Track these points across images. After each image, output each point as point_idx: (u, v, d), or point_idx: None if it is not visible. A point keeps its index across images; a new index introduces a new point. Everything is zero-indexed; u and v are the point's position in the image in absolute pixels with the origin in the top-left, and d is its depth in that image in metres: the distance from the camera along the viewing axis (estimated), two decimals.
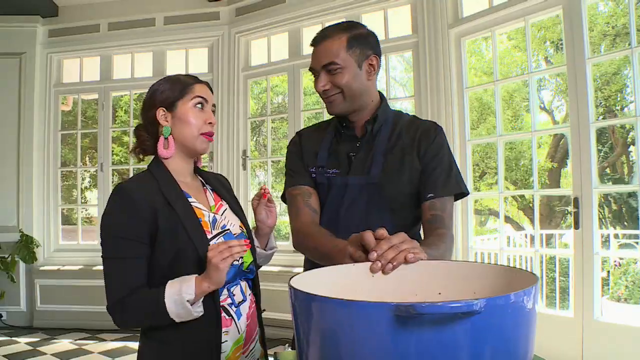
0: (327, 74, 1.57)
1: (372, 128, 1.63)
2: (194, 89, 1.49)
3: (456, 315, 0.65)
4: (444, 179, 1.57)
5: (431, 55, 4.13)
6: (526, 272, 0.91)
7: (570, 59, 3.36)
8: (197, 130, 1.48)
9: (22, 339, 4.91)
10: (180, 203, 1.42)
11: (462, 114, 4.06)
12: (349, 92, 1.57)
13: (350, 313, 0.69)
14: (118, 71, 5.71)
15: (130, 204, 1.37)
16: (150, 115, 1.50)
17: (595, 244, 3.23)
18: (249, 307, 1.50)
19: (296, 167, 1.70)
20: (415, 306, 0.63)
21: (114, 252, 1.37)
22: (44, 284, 5.36)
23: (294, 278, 0.88)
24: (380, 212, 1.56)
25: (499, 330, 0.70)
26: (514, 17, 3.74)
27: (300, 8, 4.86)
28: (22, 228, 5.38)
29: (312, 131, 1.79)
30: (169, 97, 1.48)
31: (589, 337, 3.20)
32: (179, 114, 1.47)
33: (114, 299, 1.35)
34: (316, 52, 1.60)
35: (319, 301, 0.74)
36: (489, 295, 0.93)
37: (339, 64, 1.55)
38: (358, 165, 1.60)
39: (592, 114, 3.28)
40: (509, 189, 10.62)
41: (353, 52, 1.56)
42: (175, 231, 1.37)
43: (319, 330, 0.75)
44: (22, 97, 5.51)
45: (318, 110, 5.94)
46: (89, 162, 11.48)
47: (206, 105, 1.51)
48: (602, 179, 10.39)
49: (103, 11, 5.58)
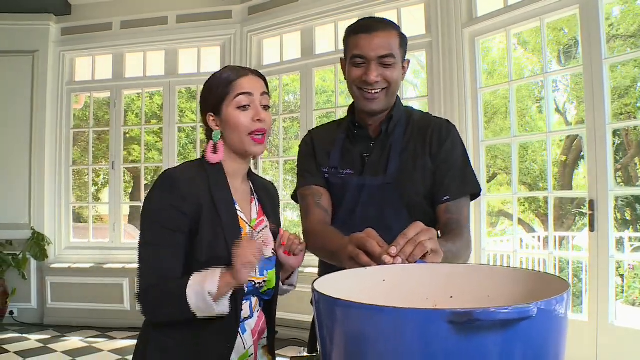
0: (379, 66, 1.50)
1: (387, 128, 1.59)
2: (235, 85, 1.39)
3: (511, 321, 0.64)
4: (459, 180, 1.54)
5: (445, 55, 4.10)
6: (542, 274, 0.90)
7: (587, 59, 3.31)
8: (245, 131, 1.39)
9: (32, 335, 4.94)
10: (226, 210, 1.37)
11: (476, 115, 4.02)
12: (393, 89, 1.54)
13: (399, 321, 0.67)
14: (130, 69, 5.73)
15: (175, 192, 1.32)
16: (204, 120, 1.46)
17: (610, 247, 3.19)
18: (256, 324, 1.44)
19: (308, 167, 1.66)
20: (474, 312, 0.62)
21: (150, 238, 1.32)
22: (55, 282, 5.39)
23: (316, 282, 0.86)
24: (396, 211, 1.52)
25: (547, 335, 0.70)
26: (529, 16, 3.70)
27: (312, 7, 4.84)
28: (33, 225, 5.40)
29: (323, 130, 1.75)
30: (213, 101, 1.41)
31: (603, 341, 3.16)
32: (225, 117, 1.40)
33: (144, 285, 1.31)
34: (369, 40, 1.50)
35: (361, 309, 0.70)
36: (504, 299, 0.92)
37: (395, 58, 1.50)
38: (372, 166, 1.57)
39: (608, 115, 3.23)
40: (521, 191, 10.55)
41: (401, 50, 1.54)
42: (215, 237, 1.32)
43: (357, 339, 0.72)
44: (35, 95, 5.54)
45: (330, 110, 5.92)
46: (102, 160, 11.56)
47: (253, 100, 1.40)
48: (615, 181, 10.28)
49: (116, 9, 5.60)
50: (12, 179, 5.47)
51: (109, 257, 5.47)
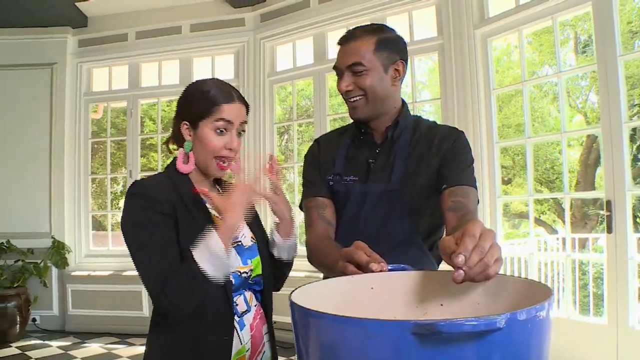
0: (351, 75, 1.52)
1: (392, 134, 1.58)
2: (220, 110, 1.41)
3: (479, 333, 0.62)
4: (464, 171, 1.51)
5: (457, 57, 4.07)
6: (530, 281, 0.87)
7: (601, 57, 3.25)
8: (212, 153, 1.42)
9: (54, 342, 5.01)
10: (197, 206, 1.40)
11: (490, 116, 3.97)
12: (372, 96, 1.52)
13: (365, 332, 0.65)
14: (146, 79, 5.80)
15: (148, 197, 1.34)
16: (176, 124, 1.47)
17: (629, 248, 3.12)
18: (254, 318, 1.45)
19: (312, 178, 1.67)
20: (437, 324, 0.60)
21: (141, 240, 1.31)
22: (76, 289, 5.47)
23: (293, 293, 0.85)
24: (399, 218, 1.52)
25: (520, 345, 0.68)
26: (541, 15, 3.65)
27: (324, 12, 4.85)
28: (53, 234, 5.49)
29: (330, 138, 1.76)
30: (192, 113, 1.43)
31: (623, 345, 3.09)
32: (199, 134, 1.42)
33: (158, 283, 1.26)
34: (343, 51, 1.55)
35: (328, 319, 0.69)
36: (494, 307, 0.90)
37: (364, 65, 1.50)
38: (377, 172, 1.56)
39: (624, 114, 3.17)
40: (541, 192, 10.40)
41: (380, 55, 1.51)
42: (192, 234, 1.32)
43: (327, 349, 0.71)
44: (54, 106, 5.64)
45: (344, 114, 5.90)
46: (123, 168, 11.76)
47: (231, 128, 1.43)
48: (636, 181, 10.09)
49: (131, 21, 5.67)
50: (33, 188, 5.57)
51: (127, 265, 5.50)
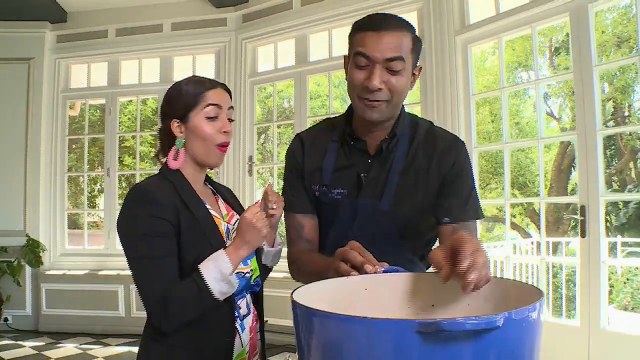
0: (384, 71, 1.28)
1: (387, 146, 1.42)
2: (205, 96, 1.42)
3: (478, 331, 0.65)
4: (463, 205, 1.40)
5: (437, 62, 4.12)
6: (519, 283, 0.91)
7: (577, 66, 3.34)
8: (212, 142, 1.43)
9: (27, 342, 4.93)
10: (199, 208, 1.40)
11: (469, 121, 4.05)
12: (397, 100, 1.34)
13: (370, 330, 0.68)
14: (125, 77, 5.75)
15: (152, 203, 1.34)
16: (165, 126, 1.47)
17: (602, 252, 3.21)
18: (252, 321, 1.48)
19: (293, 188, 1.52)
20: (441, 323, 0.63)
21: (143, 251, 1.31)
22: (50, 288, 5.38)
23: (294, 293, 0.87)
24: (390, 237, 1.41)
25: (515, 343, 0.71)
26: (521, 24, 3.73)
27: (307, 15, 4.88)
28: (28, 232, 5.41)
29: (315, 136, 1.54)
30: (181, 107, 1.43)
31: (595, 346, 3.17)
32: (192, 126, 1.42)
33: (155, 299, 1.28)
34: (380, 39, 1.27)
35: (334, 319, 0.71)
36: (484, 308, 0.94)
37: (405, 62, 1.29)
38: (369, 188, 1.42)
39: (598, 121, 3.26)
40: (515, 196, 10.58)
41: (413, 55, 1.33)
42: (196, 236, 1.34)
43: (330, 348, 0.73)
44: (30, 102, 5.55)
45: (321, 117, 5.91)
46: (98, 166, 11.53)
47: (220, 112, 1.44)
48: (609, 186, 10.35)
49: (111, 17, 5.62)
50: (7, 185, 5.48)
51: (104, 264, 5.47)
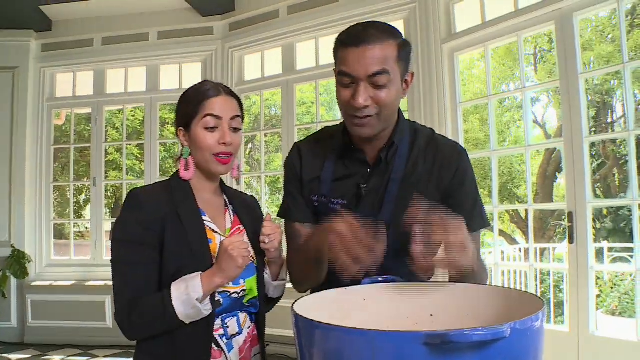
0: (369, 87, 1.25)
1: (386, 156, 1.39)
2: (204, 106, 1.40)
3: (485, 342, 0.65)
4: (468, 218, 1.30)
5: (424, 70, 4.15)
6: (518, 291, 0.92)
7: (563, 74, 3.38)
8: (209, 152, 1.40)
9: (13, 355, 4.84)
10: (191, 220, 1.37)
11: (456, 129, 4.07)
12: (387, 112, 1.30)
13: (376, 343, 0.68)
14: (111, 86, 5.70)
15: (138, 209, 1.35)
16: (177, 136, 1.47)
17: (590, 258, 3.24)
18: (245, 342, 1.42)
19: (291, 196, 1.50)
20: (448, 335, 0.63)
21: (121, 256, 1.34)
22: (36, 300, 5.29)
23: (295, 305, 0.86)
24: (393, 252, 1.33)
25: (520, 353, 0.71)
26: (507, 32, 3.77)
27: (294, 23, 4.88)
28: (13, 243, 5.32)
29: (313, 145, 1.52)
30: (184, 116, 1.43)
31: (584, 351, 3.19)
32: (193, 135, 1.41)
33: (121, 304, 1.30)
34: (360, 55, 1.24)
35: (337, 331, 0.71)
36: (483, 317, 0.94)
37: (390, 74, 1.25)
38: (368, 199, 1.39)
39: (585, 128, 3.29)
40: (502, 203, 10.64)
41: (400, 65, 1.28)
42: (179, 248, 1.33)
43: None
44: (15, 111, 5.48)
45: (311, 125, 5.91)
46: (85, 177, 11.37)
47: (221, 122, 1.40)
48: (594, 193, 10.45)
49: (97, 26, 5.57)
50: None
51: (90, 275, 5.40)
